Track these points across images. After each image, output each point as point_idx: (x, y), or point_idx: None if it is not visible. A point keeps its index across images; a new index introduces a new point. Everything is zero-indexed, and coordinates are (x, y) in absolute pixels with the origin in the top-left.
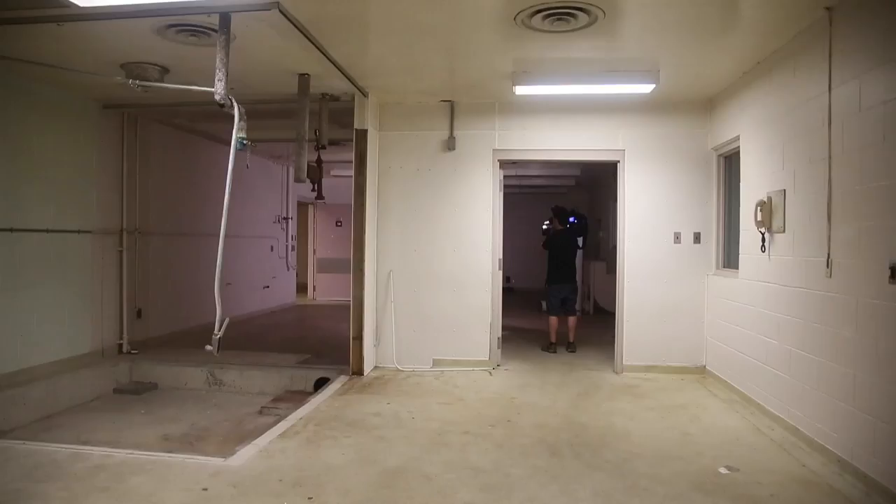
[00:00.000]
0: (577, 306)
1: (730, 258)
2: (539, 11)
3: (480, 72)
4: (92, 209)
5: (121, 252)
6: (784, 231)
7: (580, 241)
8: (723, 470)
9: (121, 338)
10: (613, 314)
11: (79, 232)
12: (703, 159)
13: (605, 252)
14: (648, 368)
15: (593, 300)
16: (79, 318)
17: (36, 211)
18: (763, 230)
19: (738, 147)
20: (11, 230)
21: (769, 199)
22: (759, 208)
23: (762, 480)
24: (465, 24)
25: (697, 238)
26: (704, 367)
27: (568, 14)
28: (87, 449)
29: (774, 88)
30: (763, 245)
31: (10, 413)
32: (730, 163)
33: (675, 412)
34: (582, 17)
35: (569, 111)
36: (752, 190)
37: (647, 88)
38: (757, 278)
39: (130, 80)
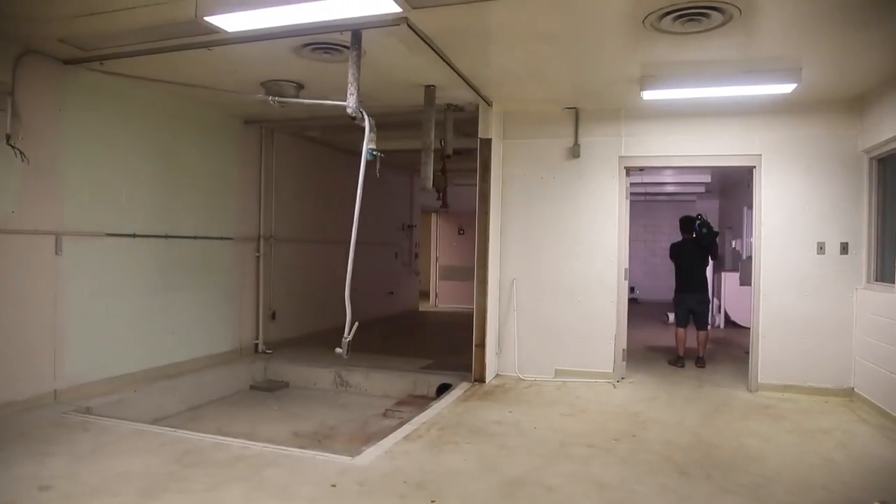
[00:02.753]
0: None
1: (883, 270)
2: (669, 13)
3: (606, 77)
4: (232, 217)
5: (257, 258)
6: None
7: (712, 251)
8: None
9: (257, 338)
10: (746, 328)
11: (221, 239)
12: (852, 163)
13: (737, 262)
14: (786, 388)
15: (724, 313)
16: (221, 319)
17: (185, 219)
18: None
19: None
20: (166, 237)
21: None
22: None
23: None
24: (590, 29)
25: (844, 248)
26: (852, 388)
27: (701, 14)
28: (227, 440)
29: None
30: None
31: (163, 402)
32: (884, 166)
33: (817, 437)
34: (716, 16)
35: (700, 115)
36: None
37: (787, 88)
38: None
39: (270, 98)
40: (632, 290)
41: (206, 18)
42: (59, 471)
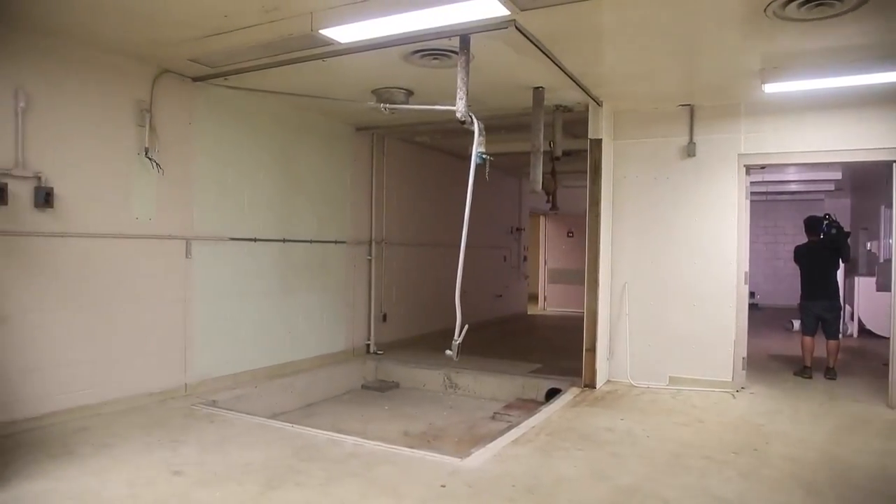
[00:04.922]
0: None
1: None
2: None
3: (723, 72)
4: (346, 221)
5: (369, 261)
6: None
7: (842, 254)
8: None
9: (368, 339)
10: (884, 338)
11: (335, 242)
12: None
13: (873, 266)
14: None
15: (857, 321)
16: (334, 320)
17: (302, 223)
18: None
19: None
20: (284, 241)
21: None
22: None
23: None
24: (706, 21)
25: None
26: None
27: None
28: (341, 437)
29: None
30: None
31: (281, 398)
32: None
33: None
34: None
35: (828, 107)
36: None
37: None
38: None
39: (381, 105)
40: (752, 294)
41: (322, 31)
42: (190, 458)
